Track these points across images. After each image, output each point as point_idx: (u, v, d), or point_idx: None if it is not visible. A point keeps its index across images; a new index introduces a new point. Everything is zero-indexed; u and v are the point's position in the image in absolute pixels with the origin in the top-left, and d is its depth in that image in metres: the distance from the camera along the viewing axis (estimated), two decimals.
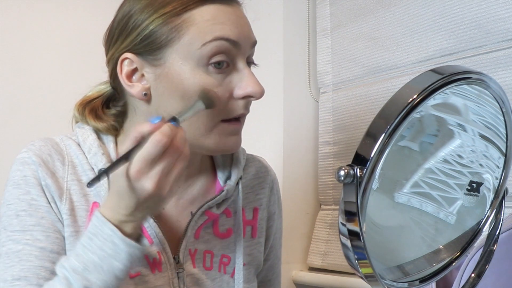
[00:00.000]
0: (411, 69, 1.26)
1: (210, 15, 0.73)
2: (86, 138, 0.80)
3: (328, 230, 1.43)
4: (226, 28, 0.73)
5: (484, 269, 0.67)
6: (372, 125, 0.52)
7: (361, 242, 0.52)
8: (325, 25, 1.49)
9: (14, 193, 0.76)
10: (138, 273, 0.77)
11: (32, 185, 0.76)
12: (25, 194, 0.75)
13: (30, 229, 0.74)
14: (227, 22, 0.73)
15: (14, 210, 0.75)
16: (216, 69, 0.73)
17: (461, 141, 0.63)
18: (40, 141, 0.79)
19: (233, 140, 0.77)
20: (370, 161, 0.50)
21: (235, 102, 0.75)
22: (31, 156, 0.77)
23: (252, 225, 0.89)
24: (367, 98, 1.35)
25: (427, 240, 0.65)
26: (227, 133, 0.76)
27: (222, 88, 0.73)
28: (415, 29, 1.24)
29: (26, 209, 0.75)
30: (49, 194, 0.76)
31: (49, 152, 0.78)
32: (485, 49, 1.10)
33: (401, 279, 0.61)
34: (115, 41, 0.77)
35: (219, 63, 0.72)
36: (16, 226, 0.74)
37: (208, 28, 0.72)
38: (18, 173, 0.77)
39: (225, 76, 0.74)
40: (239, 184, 0.86)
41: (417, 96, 0.52)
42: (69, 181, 0.77)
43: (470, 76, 0.56)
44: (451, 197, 0.63)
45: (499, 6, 1.07)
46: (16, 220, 0.75)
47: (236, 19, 0.75)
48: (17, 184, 0.76)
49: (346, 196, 0.52)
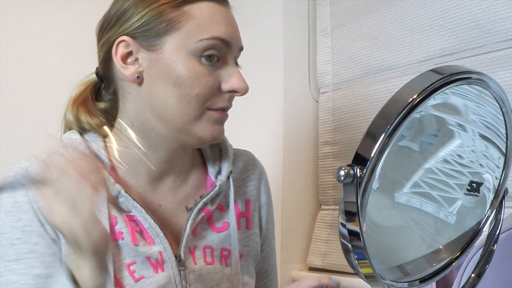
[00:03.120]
0: (411, 69, 1.26)
1: (208, 13, 0.78)
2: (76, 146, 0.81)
3: (328, 230, 1.43)
4: (222, 28, 0.78)
5: (484, 269, 0.67)
6: (372, 125, 0.52)
7: (361, 242, 0.52)
8: (325, 25, 1.49)
9: (7, 221, 0.76)
10: (142, 276, 0.77)
11: (24, 211, 0.75)
12: (18, 221, 0.75)
13: (24, 257, 0.75)
14: (223, 22, 0.79)
15: (8, 239, 0.75)
16: (207, 61, 0.77)
17: (461, 141, 0.63)
18: (25, 162, 0.79)
19: (218, 129, 0.81)
20: (370, 161, 0.50)
21: (221, 94, 0.80)
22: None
23: (246, 216, 0.91)
24: (367, 98, 1.35)
25: (427, 240, 0.65)
26: (213, 121, 0.80)
27: (212, 78, 0.78)
28: (415, 29, 1.24)
29: (20, 236, 0.75)
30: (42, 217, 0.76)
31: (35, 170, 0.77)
32: (485, 49, 1.10)
33: (401, 279, 0.61)
34: (113, 26, 0.80)
35: (211, 56, 0.78)
36: (12, 255, 0.75)
37: (207, 25, 0.77)
38: (9, 200, 0.76)
39: (215, 69, 0.79)
40: (229, 178, 0.89)
41: (417, 96, 0.52)
42: None
43: (470, 76, 0.56)
44: (451, 197, 0.63)
45: (499, 6, 1.07)
46: (11, 249, 0.75)
47: (230, 20, 0.81)
48: (9, 212, 0.76)
49: (346, 196, 0.52)
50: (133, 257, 0.77)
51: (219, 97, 0.80)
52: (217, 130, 0.81)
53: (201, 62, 0.77)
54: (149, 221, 0.78)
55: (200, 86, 0.77)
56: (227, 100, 0.81)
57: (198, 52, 0.77)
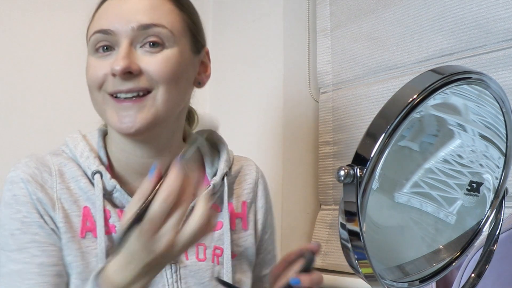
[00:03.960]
0: (411, 69, 1.26)
1: (100, 10, 0.82)
2: (77, 144, 0.84)
3: (328, 230, 1.43)
4: (101, 21, 0.80)
5: (484, 269, 0.67)
6: (372, 125, 0.52)
7: (361, 242, 0.52)
8: (325, 25, 1.49)
9: (6, 213, 0.79)
10: None
11: (22, 203, 0.78)
12: (17, 213, 0.78)
13: (26, 246, 0.77)
14: (104, 15, 0.81)
15: (8, 230, 0.78)
16: (102, 52, 0.80)
17: (461, 141, 0.63)
18: (25, 158, 0.83)
19: (117, 117, 0.78)
20: (370, 161, 0.50)
21: (112, 77, 0.78)
22: (19, 174, 0.80)
23: (241, 217, 0.93)
24: (367, 98, 1.35)
25: (427, 240, 0.65)
26: (112, 108, 0.79)
27: (98, 65, 0.79)
28: (415, 29, 1.24)
29: (19, 227, 0.77)
30: (41, 208, 0.79)
31: (35, 165, 0.81)
32: (485, 49, 1.10)
33: (401, 279, 0.61)
34: None
35: (100, 48, 0.80)
36: (13, 246, 0.77)
37: (93, 24, 0.82)
38: (8, 193, 0.80)
39: (109, 57, 0.79)
40: (224, 179, 0.90)
41: (417, 96, 0.52)
42: (59, 190, 0.80)
43: (470, 76, 0.56)
44: (451, 197, 0.63)
45: (499, 6, 1.07)
46: (12, 239, 0.77)
47: (114, 9, 0.80)
48: (8, 204, 0.79)
49: (346, 196, 0.52)
50: None
51: (111, 81, 0.78)
52: (117, 119, 0.78)
53: (97, 55, 0.80)
54: None
55: (88, 76, 0.80)
56: (119, 82, 0.77)
57: (91, 49, 0.81)
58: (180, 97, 0.82)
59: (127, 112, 0.77)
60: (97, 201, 0.80)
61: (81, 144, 0.84)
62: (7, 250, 0.77)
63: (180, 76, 0.80)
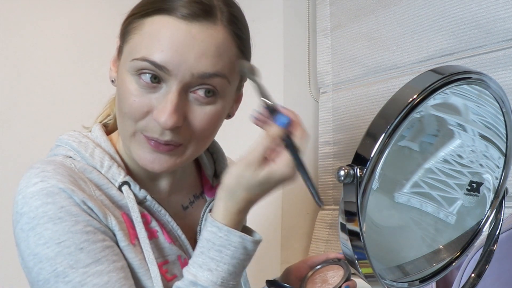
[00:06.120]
0: (411, 69, 1.26)
1: (154, 29, 0.69)
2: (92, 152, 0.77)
3: (328, 230, 1.43)
4: (158, 49, 0.68)
5: (484, 269, 0.67)
6: (372, 125, 0.52)
7: (361, 242, 0.52)
8: (325, 25, 1.49)
9: (59, 229, 0.68)
10: (175, 275, 0.77)
11: (75, 214, 0.69)
12: (75, 225, 0.69)
13: (102, 256, 0.69)
14: (163, 42, 0.68)
15: (73, 246, 0.68)
16: (149, 82, 0.69)
17: (461, 141, 0.63)
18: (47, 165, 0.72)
19: (150, 158, 0.73)
20: (370, 161, 0.50)
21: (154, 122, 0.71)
22: (56, 184, 0.69)
23: None
24: (367, 98, 1.35)
25: (427, 240, 0.65)
26: (144, 148, 0.73)
27: (142, 100, 0.70)
28: (415, 29, 1.24)
29: (86, 238, 0.69)
30: (94, 215, 0.71)
31: (67, 173, 0.71)
32: (485, 49, 1.10)
33: (401, 279, 0.61)
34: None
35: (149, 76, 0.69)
36: (87, 260, 0.68)
37: (143, 43, 0.69)
38: (50, 207, 0.68)
39: (154, 90, 0.70)
40: None
41: (417, 96, 0.52)
42: (98, 196, 0.73)
43: (470, 76, 0.56)
44: (451, 197, 0.63)
45: (499, 6, 1.07)
46: (83, 254, 0.68)
47: (179, 39, 0.68)
48: (58, 219, 0.68)
49: (346, 196, 0.52)
50: (165, 256, 0.77)
51: (151, 125, 0.71)
52: (148, 159, 0.73)
53: (137, 81, 0.70)
54: (171, 224, 0.79)
55: (127, 105, 0.71)
56: (159, 131, 0.71)
57: (132, 71, 0.70)
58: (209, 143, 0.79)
59: (157, 155, 0.73)
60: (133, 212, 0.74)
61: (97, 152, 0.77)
62: (81, 266, 0.68)
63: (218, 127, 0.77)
